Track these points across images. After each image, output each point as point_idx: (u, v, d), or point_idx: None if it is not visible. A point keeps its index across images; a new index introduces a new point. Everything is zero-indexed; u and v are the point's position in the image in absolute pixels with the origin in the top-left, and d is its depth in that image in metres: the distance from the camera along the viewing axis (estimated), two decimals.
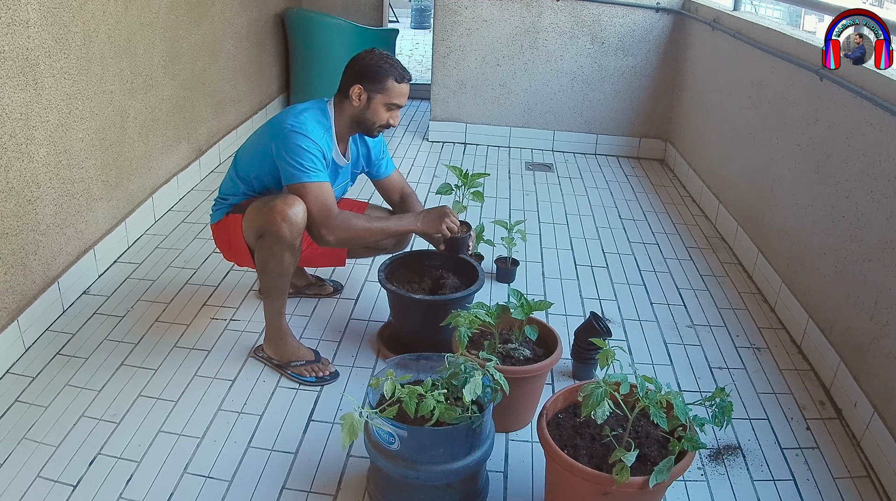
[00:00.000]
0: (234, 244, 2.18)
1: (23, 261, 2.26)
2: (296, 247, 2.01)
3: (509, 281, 2.88)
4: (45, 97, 2.33)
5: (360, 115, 2.12)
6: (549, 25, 4.38)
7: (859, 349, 2.14)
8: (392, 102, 2.10)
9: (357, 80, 2.08)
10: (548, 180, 4.09)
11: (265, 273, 2.07)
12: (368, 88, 2.08)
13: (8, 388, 2.09)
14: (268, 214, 1.98)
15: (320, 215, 2.02)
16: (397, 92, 2.09)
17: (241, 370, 2.22)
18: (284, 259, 2.02)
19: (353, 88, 2.08)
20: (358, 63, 2.10)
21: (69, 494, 1.72)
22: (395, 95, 2.09)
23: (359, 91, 2.08)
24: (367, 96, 2.09)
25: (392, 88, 2.08)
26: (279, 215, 1.95)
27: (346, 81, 2.11)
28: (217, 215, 2.23)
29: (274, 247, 2.00)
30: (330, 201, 2.04)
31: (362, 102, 2.10)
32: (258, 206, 2.03)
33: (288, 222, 1.96)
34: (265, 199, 2.04)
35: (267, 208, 1.99)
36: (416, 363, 1.81)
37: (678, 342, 2.51)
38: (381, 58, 2.09)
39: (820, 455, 2.00)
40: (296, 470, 1.84)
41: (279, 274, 2.05)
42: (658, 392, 1.51)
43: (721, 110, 3.62)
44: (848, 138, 2.32)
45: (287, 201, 1.97)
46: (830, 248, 2.38)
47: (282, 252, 2.00)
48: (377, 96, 2.09)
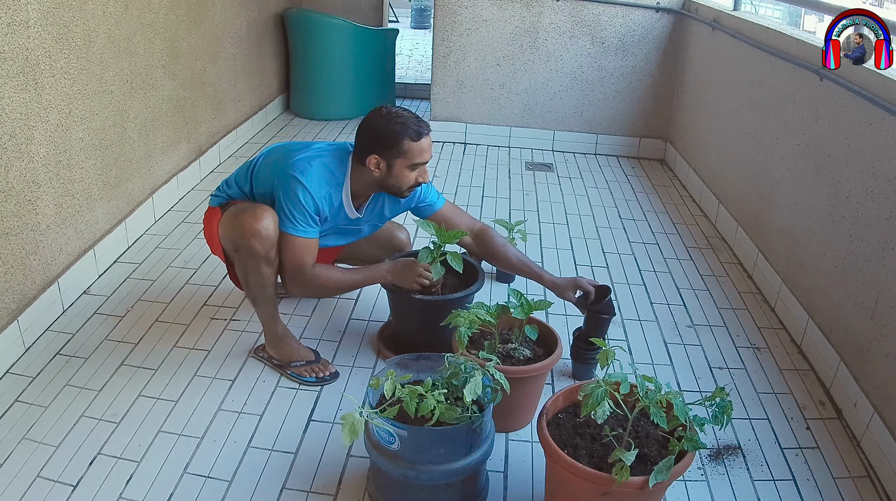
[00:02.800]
0: (212, 237, 2.18)
1: (23, 261, 2.26)
2: (271, 258, 2.00)
3: (509, 281, 2.88)
4: (45, 97, 2.33)
5: (384, 181, 2.03)
6: (549, 25, 4.38)
7: (859, 349, 2.14)
8: (414, 162, 1.98)
9: (372, 150, 1.97)
10: (548, 180, 4.09)
11: (248, 287, 2.08)
12: (385, 155, 1.97)
13: (8, 388, 2.09)
14: (238, 229, 1.97)
15: (291, 270, 2.02)
16: (417, 151, 1.97)
17: (241, 370, 2.22)
18: (263, 272, 2.02)
19: (370, 158, 1.98)
20: (369, 128, 1.98)
21: (69, 494, 1.72)
22: (416, 155, 1.97)
23: (376, 161, 1.98)
24: (385, 164, 1.98)
25: (410, 150, 1.96)
26: (248, 232, 1.95)
27: (361, 148, 2.00)
28: (214, 201, 2.22)
29: (250, 262, 2.00)
30: (304, 258, 2.01)
31: (382, 170, 1.99)
32: (230, 215, 2.03)
33: (258, 237, 1.95)
34: (239, 208, 2.03)
35: (237, 221, 1.98)
36: (416, 363, 1.81)
37: (678, 342, 2.51)
38: (392, 118, 1.95)
39: (820, 454, 2.00)
40: (296, 470, 1.84)
41: (261, 286, 2.06)
42: (658, 392, 1.51)
43: (721, 110, 3.62)
44: (848, 138, 2.32)
45: (256, 215, 1.95)
46: (830, 248, 2.38)
47: (258, 266, 2.01)
48: (397, 161, 1.97)
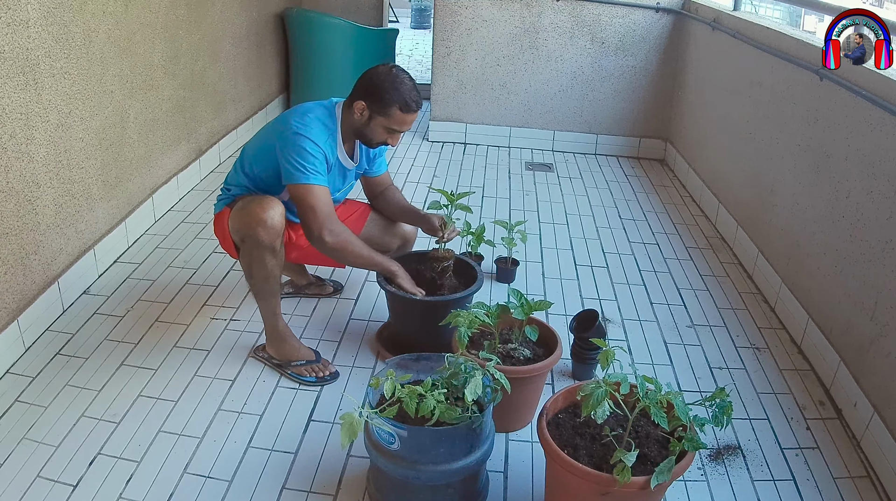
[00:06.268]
0: (226, 239, 2.19)
1: (23, 261, 2.26)
2: (276, 249, 2.01)
3: (509, 281, 2.88)
4: (45, 97, 2.33)
5: (360, 129, 2.10)
6: (549, 25, 4.38)
7: (859, 349, 2.14)
8: (392, 128, 2.06)
9: (363, 96, 2.04)
10: (548, 180, 4.09)
11: (251, 278, 2.09)
12: (371, 107, 2.03)
13: (8, 388, 2.09)
14: (244, 218, 1.99)
15: (321, 217, 2.01)
16: (399, 120, 2.04)
17: (241, 370, 2.22)
18: (267, 263, 2.02)
19: (358, 103, 2.04)
20: (370, 78, 2.04)
21: (69, 494, 1.72)
22: (397, 123, 2.04)
23: (362, 107, 2.04)
24: (368, 114, 2.05)
25: (394, 116, 2.03)
26: (255, 221, 1.96)
27: (355, 92, 2.07)
28: (219, 205, 2.24)
29: (254, 252, 2.01)
30: (330, 205, 2.04)
31: (363, 118, 2.06)
32: (239, 208, 2.04)
33: (264, 226, 1.96)
34: (246, 200, 2.05)
35: (244, 211, 2.00)
36: (416, 364, 1.81)
37: (678, 342, 2.51)
38: (394, 81, 2.01)
39: (820, 455, 2.00)
40: (296, 470, 1.84)
41: (264, 278, 2.06)
42: (658, 392, 1.50)
43: (721, 110, 3.62)
44: (848, 138, 2.32)
45: (263, 205, 1.97)
46: (830, 248, 2.38)
47: (262, 256, 2.01)
48: (378, 118, 2.04)
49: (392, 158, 4.32)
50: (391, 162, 4.21)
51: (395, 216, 2.43)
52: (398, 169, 4.13)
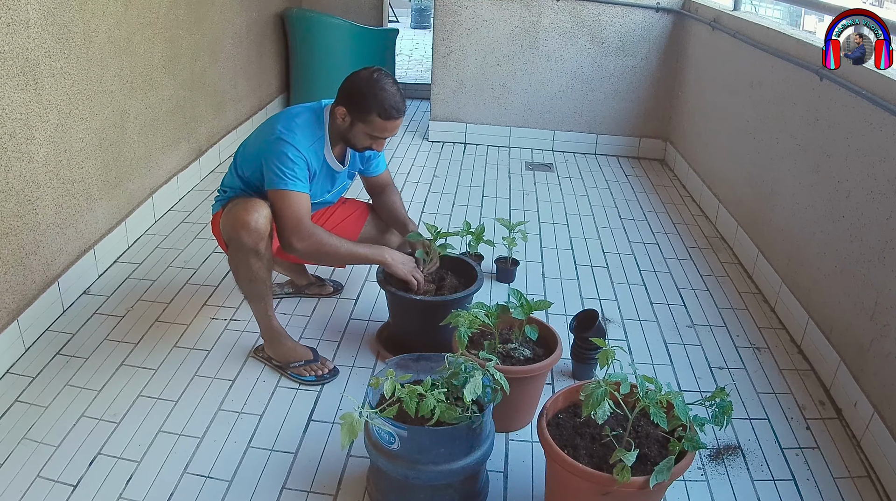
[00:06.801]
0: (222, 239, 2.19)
1: (23, 261, 2.26)
2: (260, 252, 2.01)
3: (509, 281, 2.88)
4: (45, 97, 2.33)
5: (344, 134, 2.09)
6: (549, 25, 4.38)
7: (859, 349, 2.14)
8: (374, 135, 2.04)
9: (344, 102, 2.02)
10: (548, 180, 4.09)
11: (238, 280, 2.10)
12: (352, 113, 2.02)
13: (8, 388, 2.09)
14: (230, 221, 2.00)
15: (290, 223, 2.01)
16: (380, 127, 2.01)
17: (241, 370, 2.22)
18: (251, 265, 2.02)
19: (339, 109, 2.03)
20: (351, 83, 2.02)
21: (69, 494, 1.72)
22: (378, 130, 2.02)
23: (343, 113, 2.03)
24: (350, 120, 2.04)
25: (374, 123, 2.00)
26: (238, 223, 1.97)
27: (338, 97, 2.05)
28: (216, 206, 2.25)
29: (238, 254, 2.02)
30: (303, 212, 2.02)
31: (345, 124, 2.05)
32: (227, 210, 2.05)
33: (247, 229, 1.96)
34: (234, 202, 2.05)
35: (230, 214, 2.01)
36: (416, 364, 1.81)
37: (678, 342, 2.51)
38: (374, 87, 1.98)
39: (820, 454, 2.00)
40: (296, 470, 1.84)
41: (249, 280, 2.06)
42: (658, 392, 1.51)
43: (721, 110, 3.62)
44: (848, 138, 2.32)
45: (248, 208, 1.97)
46: (830, 248, 2.38)
47: (247, 259, 2.01)
48: (359, 124, 2.03)
49: (392, 158, 4.32)
50: (391, 162, 4.22)
51: (388, 222, 2.43)
52: (398, 169, 4.13)
